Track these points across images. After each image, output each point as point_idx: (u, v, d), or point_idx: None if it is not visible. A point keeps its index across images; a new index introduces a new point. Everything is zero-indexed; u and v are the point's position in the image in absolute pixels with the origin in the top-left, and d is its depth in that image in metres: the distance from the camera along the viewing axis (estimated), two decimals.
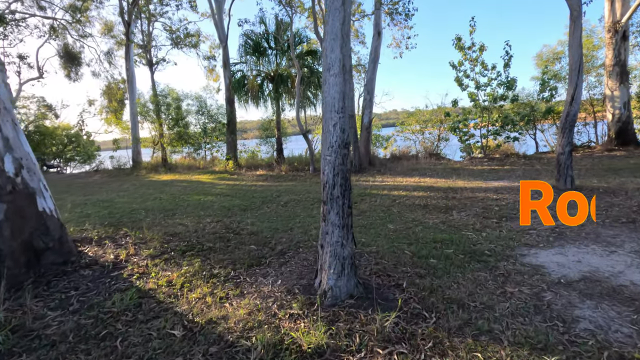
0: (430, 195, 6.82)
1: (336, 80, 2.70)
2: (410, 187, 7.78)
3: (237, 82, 13.69)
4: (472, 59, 12.18)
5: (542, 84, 10.87)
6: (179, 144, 18.27)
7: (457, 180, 8.42)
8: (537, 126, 13.26)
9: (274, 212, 6.25)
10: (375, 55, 11.07)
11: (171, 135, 18.06)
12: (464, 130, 12.92)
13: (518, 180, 7.90)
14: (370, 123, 11.46)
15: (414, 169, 10.87)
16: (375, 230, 4.76)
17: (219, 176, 12.58)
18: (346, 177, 2.83)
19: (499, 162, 10.96)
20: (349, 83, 2.30)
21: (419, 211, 5.65)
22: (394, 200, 6.52)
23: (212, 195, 8.43)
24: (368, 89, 11.33)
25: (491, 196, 6.30)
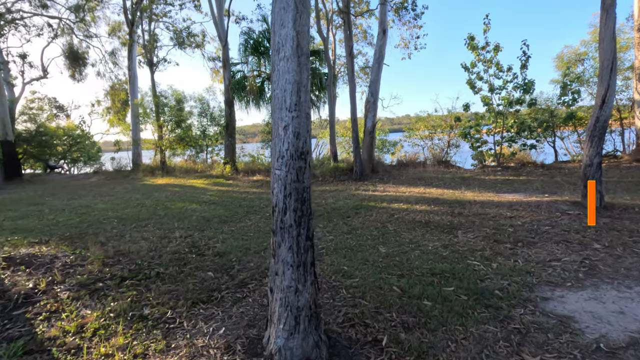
0: (434, 209, 6.00)
1: (288, 65, 1.96)
2: (412, 199, 6.97)
3: (237, 83, 13.11)
4: (485, 60, 11.30)
5: (563, 87, 9.91)
6: (180, 146, 17.83)
7: (465, 192, 7.57)
8: (557, 133, 12.25)
9: (255, 225, 5.53)
10: (380, 55, 10.31)
11: (171, 138, 17.63)
12: (476, 137, 12.01)
13: (535, 193, 7.00)
14: (373, 127, 10.68)
15: (420, 177, 10.03)
16: (363, 254, 3.98)
17: (214, 181, 11.97)
18: (303, 198, 2.08)
19: (513, 172, 10.03)
20: (306, 70, 1.71)
21: (419, 230, 4.85)
22: (392, 215, 5.73)
23: (197, 203, 7.78)
24: (372, 91, 10.56)
25: (504, 213, 5.45)
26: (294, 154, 1.99)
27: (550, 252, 3.80)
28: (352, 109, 10.15)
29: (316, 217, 5.88)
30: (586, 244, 3.97)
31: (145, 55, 16.44)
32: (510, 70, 10.97)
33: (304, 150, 2.03)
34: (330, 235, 4.79)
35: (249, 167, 13.58)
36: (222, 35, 13.05)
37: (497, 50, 11.05)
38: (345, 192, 8.38)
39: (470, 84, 11.68)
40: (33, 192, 11.82)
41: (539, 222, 4.89)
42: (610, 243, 3.92)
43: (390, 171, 11.28)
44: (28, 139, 17.65)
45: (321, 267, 3.62)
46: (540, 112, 12.09)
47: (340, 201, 7.19)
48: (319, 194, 8.33)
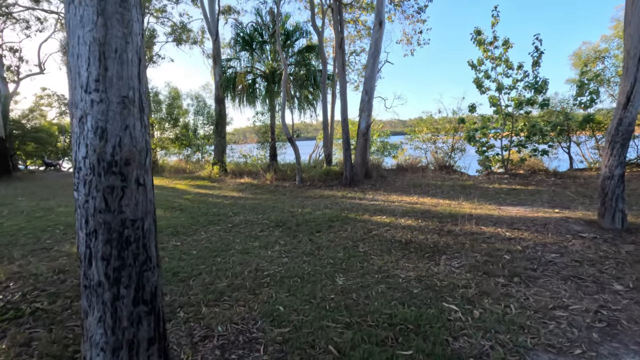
0: (420, 225, 5.11)
1: (81, 13, 1.15)
2: (400, 211, 6.08)
3: (227, 80, 12.42)
4: (494, 57, 10.30)
5: (580, 87, 8.84)
6: (176, 145, 17.31)
7: (463, 203, 6.64)
8: (572, 138, 11.15)
9: (207, 240, 4.75)
10: (375, 49, 9.43)
11: (163, 137, 17.10)
12: (482, 140, 11.00)
13: (544, 207, 6.03)
14: (368, 129, 9.80)
15: (416, 184, 9.11)
16: (314, 287, 3.15)
17: (199, 183, 11.28)
18: (125, 237, 1.26)
19: (522, 180, 9.02)
20: (119, 23, 1.01)
21: (395, 253, 3.98)
22: (370, 231, 4.87)
23: (164, 208, 7.05)
24: (366, 89, 9.67)
25: (503, 233, 4.52)
26: (96, 166, 1.17)
27: (554, 293, 2.89)
28: (343, 108, 9.30)
29: (282, 231, 5.06)
30: (604, 282, 3.05)
31: None
32: (521, 68, 9.95)
33: (120, 158, 1.21)
34: (285, 257, 3.96)
35: (239, 168, 12.86)
36: (212, 29, 12.37)
37: (506, 46, 10.04)
38: (329, 200, 7.53)
39: (477, 82, 10.68)
40: (13, 190, 11.35)
41: (544, 247, 3.96)
42: (636, 283, 2.99)
43: (386, 176, 10.38)
44: (21, 136, 17.37)
45: (250, 306, 2.80)
46: (553, 114, 11.03)
47: (318, 211, 6.35)
48: (300, 201, 7.52)
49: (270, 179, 10.71)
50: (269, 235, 4.87)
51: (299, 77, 12.39)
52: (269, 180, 10.67)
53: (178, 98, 18.52)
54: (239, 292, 3.08)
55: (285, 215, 6.09)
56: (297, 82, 12.31)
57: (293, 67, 13.21)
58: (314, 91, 12.78)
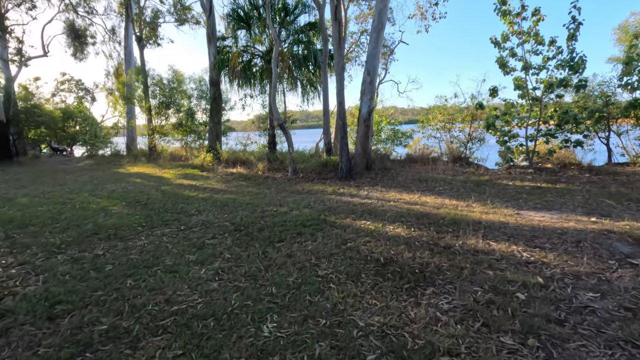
0: (412, 235, 4.00)
1: None
2: (392, 214, 4.97)
3: (221, 61, 11.41)
4: (521, 31, 8.79)
5: (627, 63, 7.27)
6: (180, 132, 16.62)
7: (473, 205, 5.44)
8: (612, 127, 9.55)
9: (141, 249, 3.84)
10: (379, 21, 8.13)
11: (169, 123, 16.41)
12: (504, 129, 9.57)
13: (576, 213, 4.76)
14: (370, 114, 8.58)
15: (422, 178, 7.90)
16: (227, 336, 2.15)
17: (188, 172, 10.47)
18: None
19: (549, 176, 7.65)
20: None
21: (364, 280, 2.92)
22: (344, 243, 3.81)
23: (126, 202, 6.24)
24: (369, 69, 8.42)
25: (518, 252, 3.36)
26: None
27: None
28: (339, 89, 8.11)
29: (236, 239, 4.08)
30: None
31: (133, 30, 15.07)
32: (554, 44, 8.40)
33: None
34: (216, 281, 2.98)
35: (235, 156, 11.93)
36: (205, 4, 11.33)
37: (537, 17, 8.50)
38: (316, 196, 6.49)
39: (500, 62, 9.20)
40: (4, 175, 11.02)
41: (577, 279, 2.80)
42: None
43: (390, 168, 9.19)
44: (23, 121, 17.12)
45: None
46: (590, 99, 9.44)
47: (296, 211, 5.33)
48: (282, 197, 6.52)
49: (263, 170, 9.75)
50: (218, 245, 3.90)
51: (299, 57, 11.24)
52: (262, 171, 9.72)
53: (182, 82, 17.75)
54: (115, 343, 2.13)
55: (254, 215, 5.11)
56: (297, 62, 11.17)
57: (295, 47, 12.06)
58: (316, 73, 11.60)
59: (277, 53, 8.62)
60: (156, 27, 18.64)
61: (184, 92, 17.09)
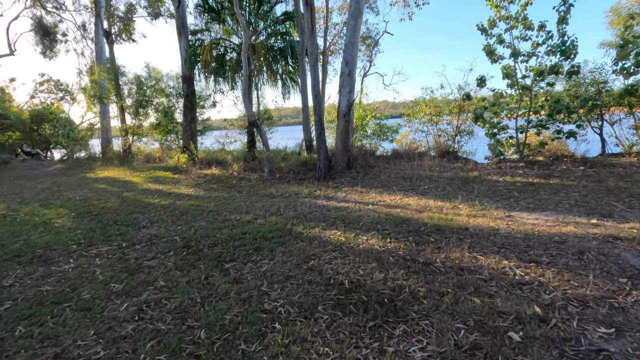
0: (387, 248, 3.42)
1: None
2: (369, 221, 4.39)
3: (194, 55, 10.67)
4: (509, 16, 8.23)
5: (623, 46, 6.74)
6: (158, 132, 15.86)
7: (460, 206, 4.88)
8: (605, 116, 9.10)
9: (62, 276, 3.20)
10: (356, 7, 7.49)
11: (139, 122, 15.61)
12: (494, 121, 9.04)
13: (574, 214, 4.23)
14: (350, 108, 7.97)
15: (407, 176, 7.34)
16: None
17: (159, 175, 9.77)
18: None
19: (541, 170, 7.14)
20: None
21: (321, 317, 2.33)
22: (306, 261, 3.22)
23: (76, 213, 5.57)
24: (347, 59, 7.79)
25: (511, 269, 2.80)
26: None
27: None
28: (313, 82, 7.46)
29: (181, 258, 3.46)
30: None
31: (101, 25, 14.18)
32: (543, 29, 7.85)
33: None
34: (130, 325, 2.36)
35: (212, 157, 11.24)
36: None
37: (525, 0, 7.95)
38: (288, 200, 5.88)
39: (487, 50, 8.63)
40: None
41: (584, 307, 2.24)
42: None
43: (374, 166, 8.60)
44: None
45: None
46: (582, 86, 8.95)
47: (262, 219, 4.72)
48: (251, 202, 5.90)
49: (238, 170, 9.10)
50: (156, 268, 3.27)
51: (275, 49, 10.55)
52: (237, 172, 9.07)
53: (160, 80, 16.93)
54: None
55: (212, 226, 4.48)
56: (273, 54, 10.48)
57: (273, 39, 11.37)
58: (295, 66, 10.94)
59: (247, 44, 7.94)
60: (130, 22, 17.76)
61: (162, 91, 16.29)
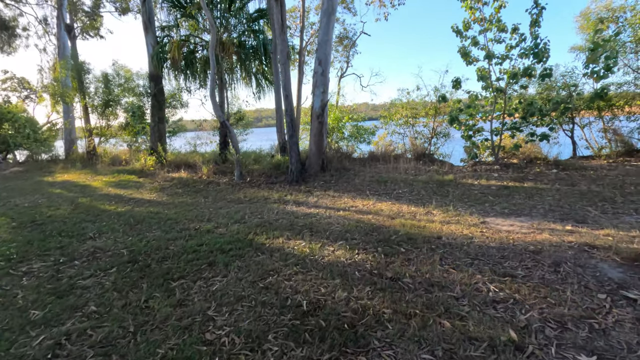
0: (353, 260, 3.14)
1: None
2: (338, 229, 4.11)
3: (161, 52, 10.13)
4: (483, 18, 8.19)
5: (593, 50, 6.78)
6: (127, 132, 15.11)
7: (434, 212, 4.68)
8: (576, 119, 9.24)
9: None
10: (329, 5, 7.24)
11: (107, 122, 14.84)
12: (469, 124, 9.00)
13: (549, 219, 4.09)
14: (323, 109, 7.69)
15: (382, 179, 7.12)
16: None
17: (123, 179, 9.17)
18: None
19: (516, 173, 7.08)
20: None
21: (271, 345, 2.01)
22: (265, 277, 2.89)
23: (19, 222, 5.02)
24: (320, 58, 7.52)
25: (484, 284, 2.58)
26: None
27: None
28: (284, 81, 7.13)
29: (123, 277, 3.06)
30: None
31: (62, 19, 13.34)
32: (516, 31, 7.85)
33: None
34: None
35: (181, 159, 10.71)
36: None
37: (499, 3, 7.91)
38: (256, 206, 5.53)
39: (462, 52, 8.56)
40: None
41: (562, 329, 2.02)
42: None
43: (349, 169, 8.36)
44: None
45: None
46: (554, 90, 9.04)
47: (223, 228, 4.36)
48: (216, 208, 5.51)
49: (208, 174, 8.64)
50: (91, 288, 2.86)
51: (246, 47, 10.16)
52: (206, 175, 8.61)
53: (130, 79, 16.16)
54: None
55: (167, 237, 4.08)
56: (245, 52, 10.09)
57: (246, 36, 10.97)
58: (269, 65, 10.58)
59: (214, 41, 7.53)
60: (97, 17, 16.89)
61: (131, 89, 15.54)
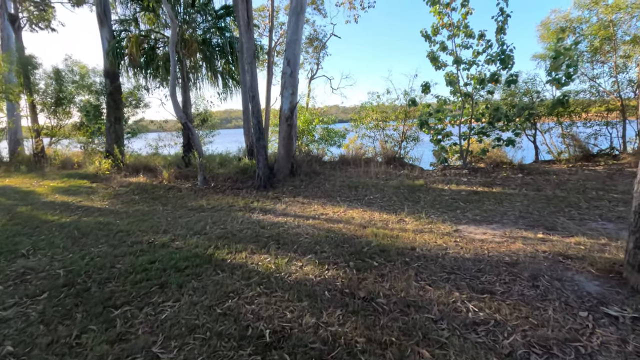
0: (323, 277, 2.88)
1: None
2: (307, 240, 3.83)
3: (118, 47, 9.42)
4: (451, 23, 8.26)
5: (555, 57, 6.99)
6: (81, 133, 14.03)
7: (406, 219, 4.54)
8: (537, 125, 9.56)
9: None
10: (297, 3, 6.99)
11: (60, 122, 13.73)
12: (437, 128, 9.06)
13: (520, 226, 4.05)
14: (293, 111, 7.40)
15: (353, 184, 6.93)
16: None
17: (74, 184, 8.39)
18: None
19: (484, 178, 7.15)
20: None
21: None
22: (224, 300, 2.56)
23: None
24: (289, 58, 7.24)
25: (463, 304, 2.40)
26: None
27: None
28: (251, 82, 6.77)
29: (54, 304, 2.61)
30: None
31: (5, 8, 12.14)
32: (483, 38, 7.98)
33: None
34: None
35: (142, 162, 10.00)
36: None
37: (465, 9, 8.00)
38: (220, 214, 5.14)
39: (431, 56, 8.60)
40: None
41: (548, 354, 1.86)
42: None
43: (319, 173, 8.12)
44: None
45: None
46: (517, 96, 9.31)
47: (181, 240, 3.96)
48: (178, 216, 5.06)
49: (169, 178, 8.08)
50: (14, 320, 2.40)
51: (210, 44, 9.68)
52: (167, 180, 8.05)
53: (86, 75, 15.03)
54: None
55: (114, 253, 3.62)
56: (210, 50, 9.60)
57: (213, 34, 10.46)
58: (236, 64, 10.15)
59: (175, 37, 7.03)
60: (48, 7, 15.61)
61: (88, 87, 14.47)
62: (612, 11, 8.37)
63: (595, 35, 8.69)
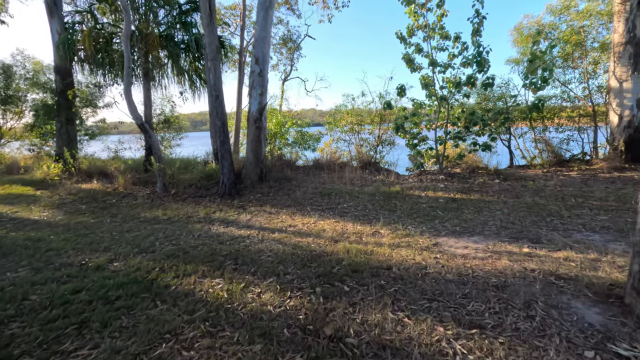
0: (284, 308, 2.40)
1: None
2: (271, 259, 3.35)
3: (69, 41, 8.57)
4: (427, 25, 8.04)
5: (531, 61, 6.90)
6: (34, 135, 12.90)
7: (382, 230, 4.14)
8: (511, 129, 9.54)
9: None
10: None
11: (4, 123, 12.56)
12: (413, 132, 8.81)
13: (502, 237, 3.74)
14: (262, 113, 6.90)
15: (326, 191, 6.50)
16: None
17: (15, 191, 7.49)
18: None
19: (461, 183, 6.91)
20: None
21: None
22: (157, 344, 2.03)
23: None
24: (257, 56, 6.74)
25: (448, 343, 2.00)
26: None
27: None
28: (214, 80, 6.20)
29: None
30: None
31: None
32: (459, 40, 7.80)
33: None
34: None
35: (98, 166, 9.14)
36: None
37: (441, 11, 7.80)
38: (175, 226, 4.55)
39: (407, 58, 8.34)
40: None
41: None
42: None
43: (291, 178, 7.64)
44: None
45: None
46: (491, 100, 9.24)
47: (120, 261, 3.36)
48: (127, 229, 4.43)
49: (125, 184, 7.35)
50: None
51: (173, 40, 9.02)
52: (123, 186, 7.31)
53: (40, 72, 13.84)
54: None
55: (34, 278, 2.99)
56: (173, 47, 8.94)
57: (177, 30, 9.79)
58: (199, 63, 9.52)
59: (128, 29, 6.36)
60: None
61: (42, 84, 13.32)
62: (583, 17, 8.43)
63: (567, 41, 8.74)
